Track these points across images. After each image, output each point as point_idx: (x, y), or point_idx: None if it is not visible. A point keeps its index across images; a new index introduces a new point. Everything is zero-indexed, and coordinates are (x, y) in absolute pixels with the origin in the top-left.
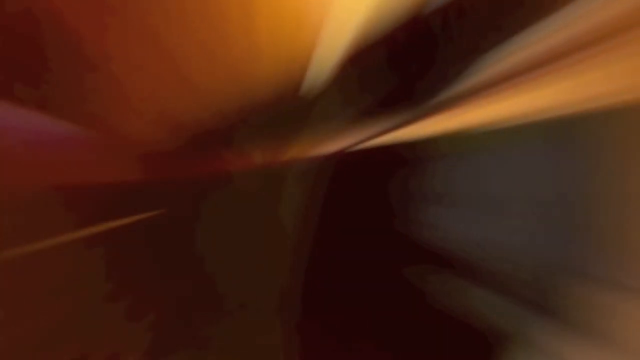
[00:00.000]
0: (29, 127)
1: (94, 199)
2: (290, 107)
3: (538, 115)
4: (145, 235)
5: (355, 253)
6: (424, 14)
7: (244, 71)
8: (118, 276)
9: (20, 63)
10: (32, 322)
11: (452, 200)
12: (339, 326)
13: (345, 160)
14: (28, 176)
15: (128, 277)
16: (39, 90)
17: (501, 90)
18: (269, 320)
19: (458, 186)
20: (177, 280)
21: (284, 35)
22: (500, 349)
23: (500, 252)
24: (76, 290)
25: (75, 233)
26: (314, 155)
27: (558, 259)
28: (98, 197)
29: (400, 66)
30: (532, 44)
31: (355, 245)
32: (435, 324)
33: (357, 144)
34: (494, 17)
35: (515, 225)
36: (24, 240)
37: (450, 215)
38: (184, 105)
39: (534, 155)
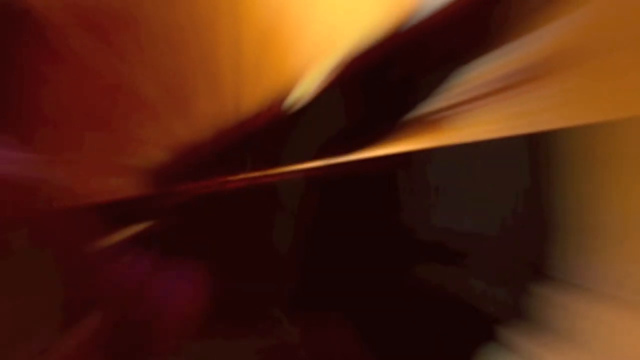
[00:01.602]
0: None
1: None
2: (277, 124)
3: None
4: (149, 244)
5: (355, 255)
6: (403, 32)
7: (230, 92)
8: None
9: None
10: None
11: (445, 196)
12: (343, 324)
13: (333, 171)
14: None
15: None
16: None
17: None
18: (277, 322)
19: (450, 182)
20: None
21: (270, 56)
22: (481, 341)
23: (484, 246)
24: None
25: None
26: (303, 168)
27: (532, 259)
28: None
29: (381, 83)
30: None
31: (354, 248)
32: (435, 316)
33: (343, 154)
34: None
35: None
36: None
37: (443, 210)
38: (176, 127)
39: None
